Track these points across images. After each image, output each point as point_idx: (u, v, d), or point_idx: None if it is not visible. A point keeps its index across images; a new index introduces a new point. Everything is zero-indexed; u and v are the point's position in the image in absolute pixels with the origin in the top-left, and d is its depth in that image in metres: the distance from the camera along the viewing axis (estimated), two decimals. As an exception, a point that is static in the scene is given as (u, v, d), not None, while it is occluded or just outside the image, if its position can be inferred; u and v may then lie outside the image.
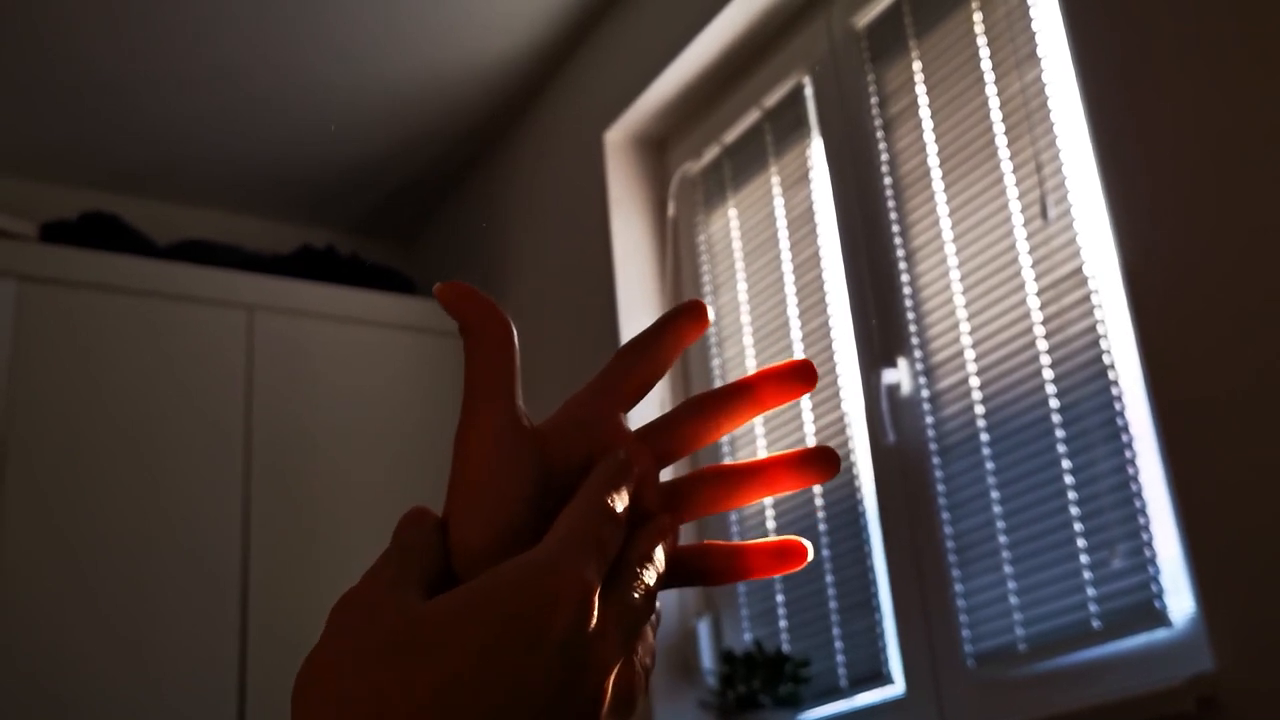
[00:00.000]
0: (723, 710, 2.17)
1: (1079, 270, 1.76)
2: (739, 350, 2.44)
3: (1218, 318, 1.53)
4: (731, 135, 2.53)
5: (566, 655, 0.37)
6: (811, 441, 2.22)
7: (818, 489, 2.19)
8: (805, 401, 2.24)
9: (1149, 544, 1.62)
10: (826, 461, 0.46)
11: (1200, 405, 1.54)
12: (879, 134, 2.16)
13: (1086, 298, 1.75)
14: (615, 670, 0.39)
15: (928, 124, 2.06)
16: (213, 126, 3.01)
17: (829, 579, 2.15)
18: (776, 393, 0.46)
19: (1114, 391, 1.70)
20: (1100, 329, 1.72)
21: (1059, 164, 1.81)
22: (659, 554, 0.42)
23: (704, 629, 2.36)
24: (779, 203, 2.38)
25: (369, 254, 3.35)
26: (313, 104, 2.96)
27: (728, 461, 0.45)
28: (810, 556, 0.46)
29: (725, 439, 2.43)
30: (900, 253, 2.08)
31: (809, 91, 2.34)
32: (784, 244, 2.35)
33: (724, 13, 2.36)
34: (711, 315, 0.46)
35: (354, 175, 3.26)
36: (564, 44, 2.83)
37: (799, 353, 2.28)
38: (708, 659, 2.33)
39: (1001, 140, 1.92)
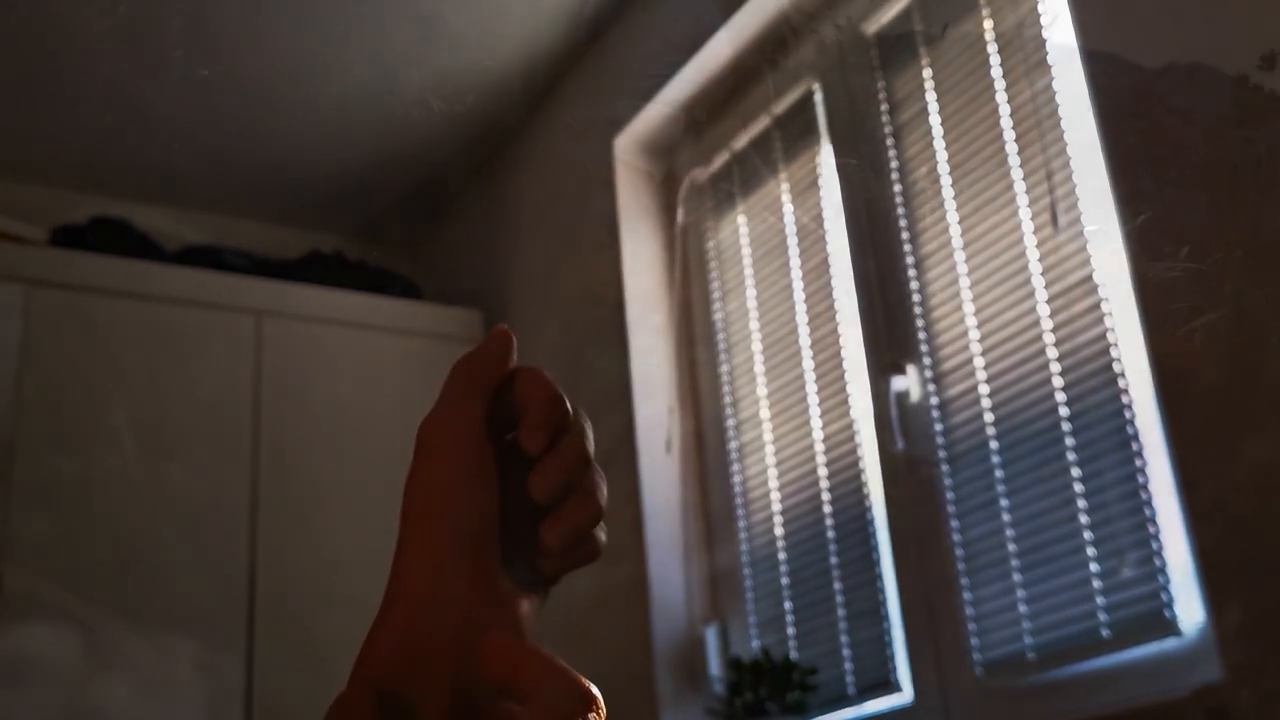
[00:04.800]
0: (729, 717, 2.17)
1: (1089, 278, 1.76)
2: (747, 356, 2.43)
3: (1229, 325, 1.52)
4: (741, 142, 2.52)
5: None
6: (820, 447, 2.21)
7: (826, 495, 2.18)
8: (814, 409, 2.24)
9: (1159, 552, 1.62)
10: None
11: (1210, 413, 1.53)
12: (889, 141, 2.15)
13: (1096, 305, 1.74)
14: None
15: (938, 131, 2.06)
16: (221, 131, 3.01)
17: (837, 586, 2.14)
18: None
19: (1124, 399, 1.69)
20: (1110, 337, 1.72)
21: (1069, 171, 1.81)
22: None
23: (711, 636, 2.35)
24: (788, 209, 2.38)
25: (377, 259, 3.35)
26: (321, 109, 2.96)
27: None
28: None
29: (730, 437, 2.42)
30: (910, 260, 2.07)
31: (819, 98, 2.34)
32: (793, 251, 2.35)
33: (734, 19, 2.36)
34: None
35: (363, 180, 3.26)
36: (574, 50, 2.83)
37: (807, 358, 2.27)
38: (715, 666, 2.32)
39: (1012, 148, 1.91)
